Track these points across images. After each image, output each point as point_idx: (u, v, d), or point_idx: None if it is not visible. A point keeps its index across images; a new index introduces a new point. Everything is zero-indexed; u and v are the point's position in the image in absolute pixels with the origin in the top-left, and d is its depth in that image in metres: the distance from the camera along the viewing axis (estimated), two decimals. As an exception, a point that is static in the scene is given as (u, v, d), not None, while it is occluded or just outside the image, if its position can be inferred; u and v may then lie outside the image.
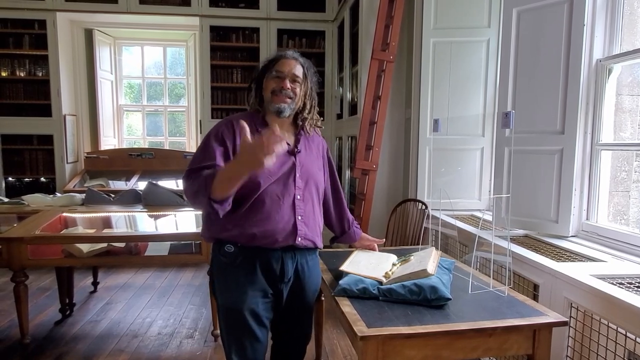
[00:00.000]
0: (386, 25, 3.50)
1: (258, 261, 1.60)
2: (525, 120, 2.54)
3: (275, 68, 1.63)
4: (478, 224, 2.77)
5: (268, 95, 1.63)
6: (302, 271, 1.69)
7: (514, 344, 1.51)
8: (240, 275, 1.60)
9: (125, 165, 5.40)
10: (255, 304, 1.60)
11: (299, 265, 1.68)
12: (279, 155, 1.45)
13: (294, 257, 1.66)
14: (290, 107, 1.63)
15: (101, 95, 5.66)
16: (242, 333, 1.61)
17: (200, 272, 4.40)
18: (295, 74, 1.64)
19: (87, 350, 2.84)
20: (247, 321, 1.59)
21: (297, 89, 1.64)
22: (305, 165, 1.68)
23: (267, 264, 1.61)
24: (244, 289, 1.59)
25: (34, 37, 5.05)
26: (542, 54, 2.47)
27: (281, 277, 1.64)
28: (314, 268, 1.76)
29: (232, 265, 1.61)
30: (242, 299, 1.59)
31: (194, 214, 3.40)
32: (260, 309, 1.62)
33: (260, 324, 1.63)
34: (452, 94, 3.39)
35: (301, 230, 1.63)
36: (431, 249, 1.98)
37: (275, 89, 1.61)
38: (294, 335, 1.82)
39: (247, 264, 1.60)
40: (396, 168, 3.97)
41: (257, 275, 1.60)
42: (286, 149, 1.62)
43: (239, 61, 5.38)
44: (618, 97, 2.41)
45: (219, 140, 1.57)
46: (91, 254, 2.84)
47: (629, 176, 2.53)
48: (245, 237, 1.57)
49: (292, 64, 1.64)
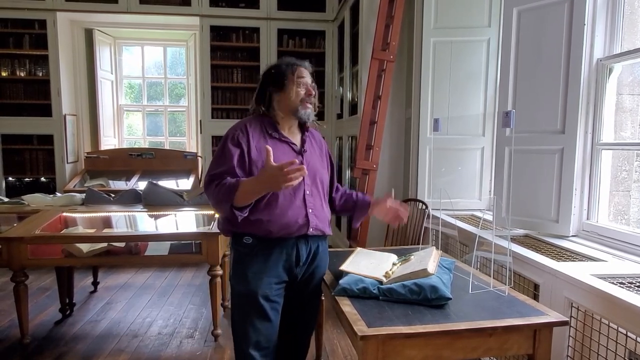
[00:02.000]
0: (386, 25, 3.50)
1: (275, 250, 1.74)
2: (526, 120, 2.53)
3: (297, 75, 1.76)
4: (478, 223, 2.77)
5: (295, 102, 1.75)
6: (314, 255, 1.83)
7: (514, 344, 1.51)
8: (258, 263, 1.73)
9: (125, 165, 5.40)
10: (269, 289, 1.73)
11: (312, 249, 1.82)
12: (288, 157, 1.68)
13: (307, 243, 1.80)
14: (313, 113, 1.79)
15: (101, 95, 5.66)
16: (257, 317, 1.73)
17: (200, 272, 4.40)
18: (310, 81, 1.79)
19: (87, 350, 2.84)
20: (261, 305, 1.72)
21: (315, 97, 1.81)
22: (312, 163, 1.81)
23: (284, 252, 1.75)
24: (260, 276, 1.72)
25: (34, 37, 5.05)
26: (542, 53, 2.47)
27: (297, 261, 1.78)
28: (324, 253, 1.91)
29: (249, 254, 1.74)
30: (257, 284, 1.72)
31: (194, 213, 3.40)
32: (273, 295, 1.75)
33: (273, 308, 1.76)
34: (453, 93, 3.39)
35: (312, 221, 1.76)
36: (431, 249, 1.97)
37: (304, 97, 1.75)
38: (301, 321, 1.93)
39: (265, 253, 1.74)
40: (396, 168, 3.97)
41: (273, 263, 1.74)
42: (296, 150, 1.80)
43: (239, 61, 5.39)
44: (618, 97, 2.40)
45: (235, 144, 1.71)
46: (91, 253, 2.83)
47: (629, 176, 2.52)
48: (264, 231, 1.71)
49: (306, 72, 1.79)
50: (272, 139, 1.75)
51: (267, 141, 1.72)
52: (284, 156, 1.71)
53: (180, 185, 5.17)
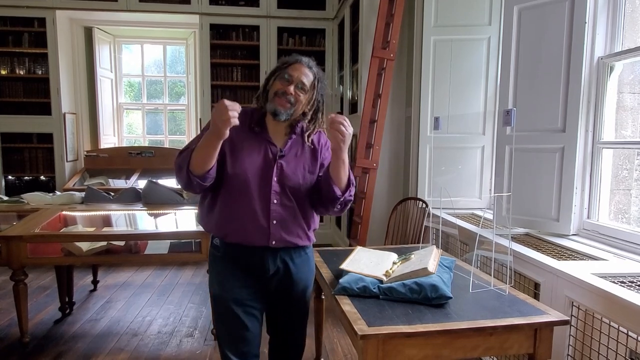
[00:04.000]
0: (387, 23, 3.49)
1: (238, 255, 1.66)
2: (526, 119, 2.53)
3: (287, 71, 1.61)
4: (479, 222, 2.77)
5: (271, 95, 1.62)
6: (288, 267, 1.69)
7: (514, 343, 1.51)
8: (225, 266, 1.68)
9: (125, 163, 5.40)
10: (239, 293, 1.66)
11: (281, 261, 1.68)
12: (260, 157, 1.61)
13: (275, 254, 1.66)
14: (287, 113, 1.60)
15: (101, 94, 5.65)
16: (230, 321, 1.67)
17: (200, 271, 4.40)
18: (303, 81, 1.61)
19: (87, 348, 2.84)
20: (232, 309, 1.65)
21: (300, 95, 1.61)
22: (287, 170, 1.64)
23: (247, 260, 1.66)
24: (227, 279, 1.67)
25: (33, 35, 5.04)
26: (543, 51, 2.46)
27: (262, 272, 1.67)
28: (302, 264, 1.73)
29: (217, 256, 1.70)
30: (225, 288, 1.67)
31: (194, 212, 3.39)
32: (246, 299, 1.67)
33: (247, 312, 1.67)
34: (453, 92, 3.38)
35: (274, 234, 1.62)
36: (432, 248, 1.97)
37: (278, 91, 1.60)
38: (288, 329, 1.82)
39: (229, 257, 1.68)
40: (397, 166, 3.96)
41: (237, 268, 1.67)
42: (272, 152, 1.64)
43: (239, 59, 5.38)
44: (619, 95, 2.40)
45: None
46: (91, 252, 2.83)
47: (630, 174, 2.52)
48: (222, 234, 1.66)
49: (303, 71, 1.62)
50: (252, 133, 1.64)
51: (245, 134, 1.63)
52: (257, 155, 1.62)
53: (180, 183, 5.16)
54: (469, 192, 3.44)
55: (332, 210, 1.68)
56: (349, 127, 1.49)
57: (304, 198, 1.68)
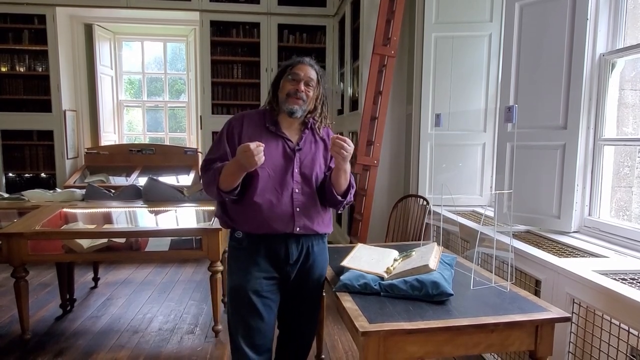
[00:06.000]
0: (387, 20, 3.48)
1: (262, 246, 1.74)
2: (528, 116, 2.52)
3: (292, 71, 1.76)
4: (479, 219, 2.76)
5: (283, 97, 1.75)
6: (308, 254, 1.80)
7: (516, 340, 1.50)
8: (247, 258, 1.75)
9: (125, 160, 5.39)
10: (259, 285, 1.73)
11: (304, 248, 1.79)
12: (279, 152, 1.74)
13: (298, 241, 1.77)
14: (302, 109, 1.75)
15: (101, 91, 5.64)
16: (248, 312, 1.73)
17: (201, 268, 4.40)
18: (311, 77, 1.76)
19: (88, 345, 2.84)
20: (251, 300, 1.72)
21: (310, 92, 1.76)
22: (305, 161, 1.79)
23: (271, 249, 1.75)
24: (248, 270, 1.74)
25: (33, 32, 5.03)
26: (544, 48, 2.45)
27: (286, 259, 1.76)
28: (320, 252, 1.86)
29: (239, 249, 1.77)
30: (246, 279, 1.73)
31: (194, 209, 3.39)
32: (265, 290, 1.75)
33: (265, 304, 1.75)
34: (454, 89, 3.38)
35: (299, 220, 1.74)
36: (433, 245, 1.97)
37: (290, 92, 1.74)
38: (300, 321, 1.90)
39: (252, 248, 1.75)
40: (397, 164, 3.96)
41: (261, 258, 1.74)
42: (290, 147, 1.77)
43: (239, 56, 5.37)
44: (621, 92, 2.39)
45: (229, 133, 1.78)
46: (91, 249, 2.83)
47: (631, 171, 2.51)
48: (249, 225, 1.74)
49: (307, 69, 1.77)
50: (269, 132, 1.77)
51: (262, 133, 1.75)
52: (275, 150, 1.74)
53: (181, 181, 5.17)
54: (469, 189, 3.43)
55: (334, 208, 1.87)
56: (349, 147, 1.67)
57: (318, 188, 1.83)
